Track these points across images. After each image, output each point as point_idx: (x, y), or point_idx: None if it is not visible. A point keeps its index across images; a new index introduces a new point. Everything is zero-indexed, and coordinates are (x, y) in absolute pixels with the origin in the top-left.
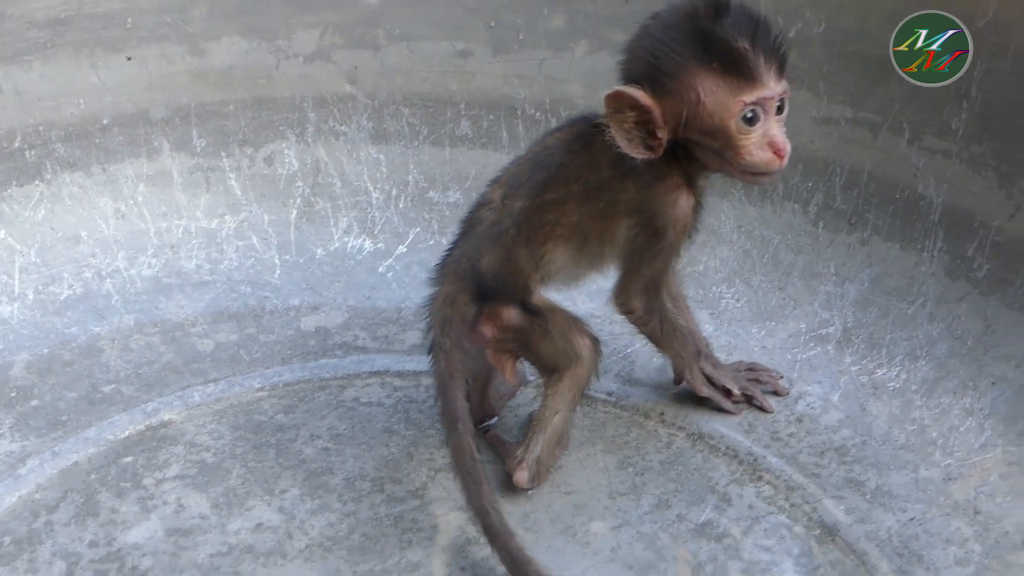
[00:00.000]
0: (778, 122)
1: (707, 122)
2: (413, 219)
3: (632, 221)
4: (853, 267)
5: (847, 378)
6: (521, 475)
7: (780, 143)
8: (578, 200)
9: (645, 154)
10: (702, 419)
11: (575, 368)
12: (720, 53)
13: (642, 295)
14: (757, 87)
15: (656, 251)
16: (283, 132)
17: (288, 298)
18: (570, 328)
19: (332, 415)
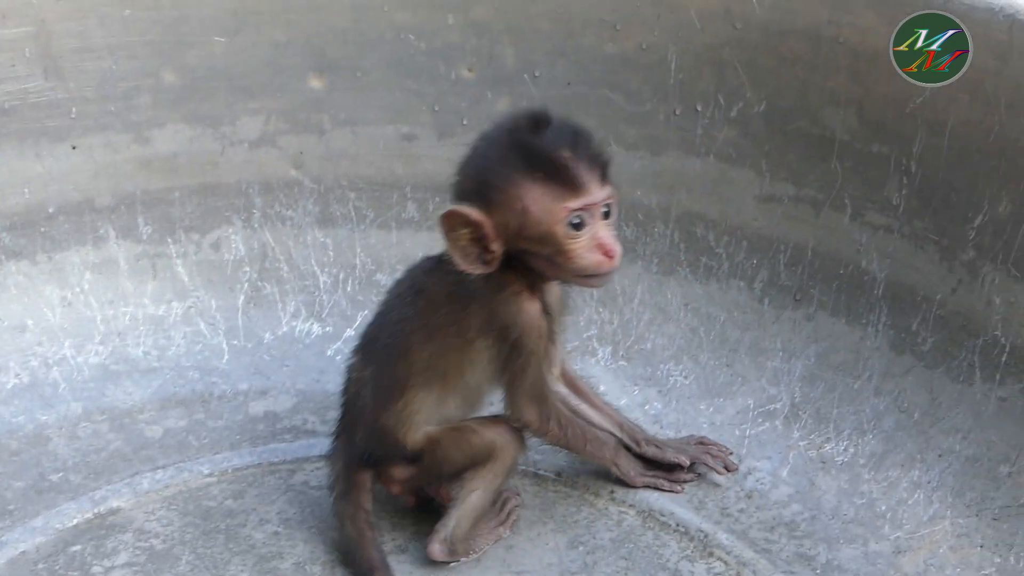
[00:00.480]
0: (606, 226)
1: (535, 230)
2: (361, 302)
3: (487, 340)
4: (799, 343)
5: (796, 453)
6: (433, 548)
7: (609, 244)
8: (423, 344)
9: (481, 268)
10: (652, 496)
11: (493, 461)
12: (542, 163)
13: (531, 406)
14: (580, 194)
15: (522, 362)
16: (229, 218)
17: (236, 383)
18: (473, 433)
19: (282, 499)
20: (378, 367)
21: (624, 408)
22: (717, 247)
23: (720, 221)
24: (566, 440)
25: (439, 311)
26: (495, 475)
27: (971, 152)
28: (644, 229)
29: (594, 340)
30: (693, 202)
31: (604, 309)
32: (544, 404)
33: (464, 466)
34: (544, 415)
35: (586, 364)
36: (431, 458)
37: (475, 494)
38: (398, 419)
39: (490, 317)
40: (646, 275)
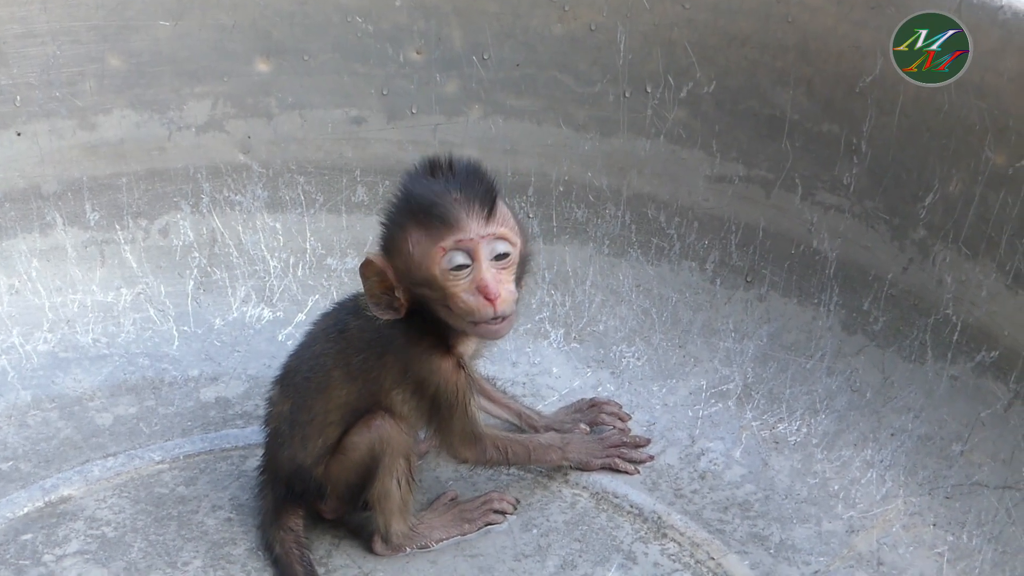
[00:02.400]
0: (496, 267)
1: (418, 273)
2: (312, 287)
3: (405, 393)
4: (751, 323)
5: (748, 433)
6: (375, 545)
7: (488, 287)
8: (342, 383)
9: (391, 314)
10: (605, 478)
11: (382, 457)
12: (422, 206)
13: (464, 447)
14: (454, 231)
15: (444, 413)
16: (177, 203)
17: (187, 369)
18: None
19: (234, 486)
20: (297, 401)
21: (577, 390)
22: (668, 228)
23: (671, 202)
24: (509, 462)
25: (358, 354)
26: (391, 467)
27: (921, 131)
28: (595, 210)
29: (546, 322)
30: (644, 183)
31: (556, 291)
32: (477, 441)
33: (363, 476)
34: (480, 450)
35: (538, 346)
36: (333, 485)
37: (382, 490)
38: (315, 458)
39: (404, 370)
40: (598, 256)
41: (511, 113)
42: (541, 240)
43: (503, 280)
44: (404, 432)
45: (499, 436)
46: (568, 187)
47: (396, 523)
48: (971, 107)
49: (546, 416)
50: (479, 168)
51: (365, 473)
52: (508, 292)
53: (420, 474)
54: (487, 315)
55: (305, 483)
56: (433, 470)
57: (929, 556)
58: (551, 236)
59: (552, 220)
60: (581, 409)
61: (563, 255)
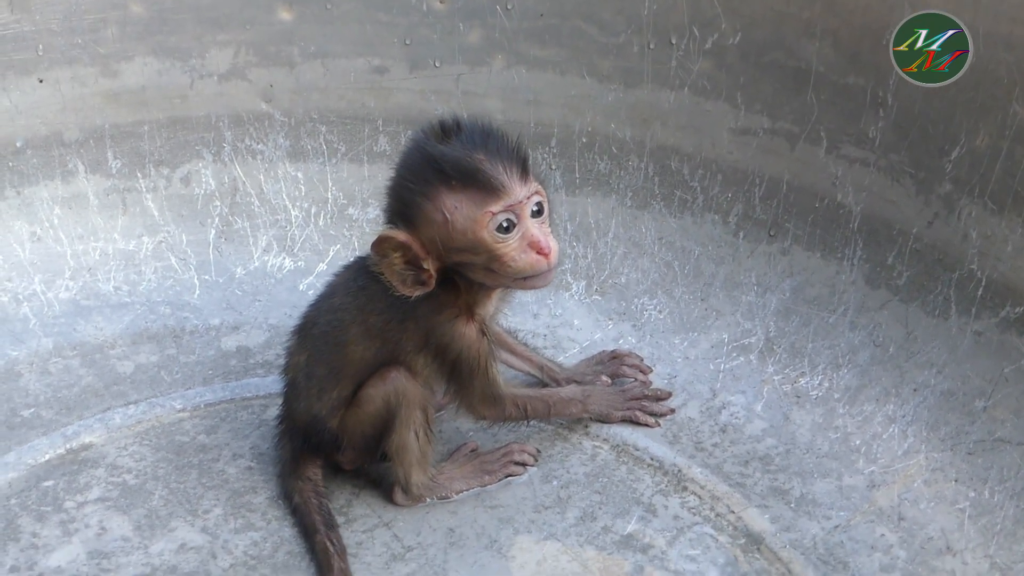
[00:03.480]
0: (538, 223)
1: (461, 240)
2: (333, 236)
3: (427, 358)
4: (774, 277)
5: (770, 387)
6: (395, 495)
7: (541, 242)
8: (360, 340)
9: (419, 290)
10: (626, 431)
11: (398, 409)
12: (455, 170)
13: (484, 407)
14: (500, 196)
15: (465, 376)
16: (199, 152)
17: (208, 318)
18: (367, 401)
19: (255, 435)
20: (313, 354)
21: (599, 342)
22: (692, 180)
23: (695, 154)
24: (528, 417)
25: (378, 315)
26: (408, 419)
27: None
28: (618, 162)
29: (568, 274)
30: (668, 135)
31: (578, 243)
32: (497, 401)
33: (379, 428)
34: (500, 409)
35: (560, 298)
36: (349, 437)
37: (400, 442)
38: (330, 409)
39: (426, 338)
40: (620, 209)
41: (534, 63)
42: (563, 192)
43: (548, 233)
44: (420, 384)
45: (519, 393)
46: (591, 138)
47: (416, 474)
48: (999, 60)
49: (567, 368)
50: (495, 127)
51: (381, 425)
52: (555, 243)
53: (439, 425)
54: (542, 269)
55: (321, 434)
56: (453, 420)
57: (951, 512)
58: (574, 187)
59: (575, 171)
60: (602, 361)
61: (585, 207)
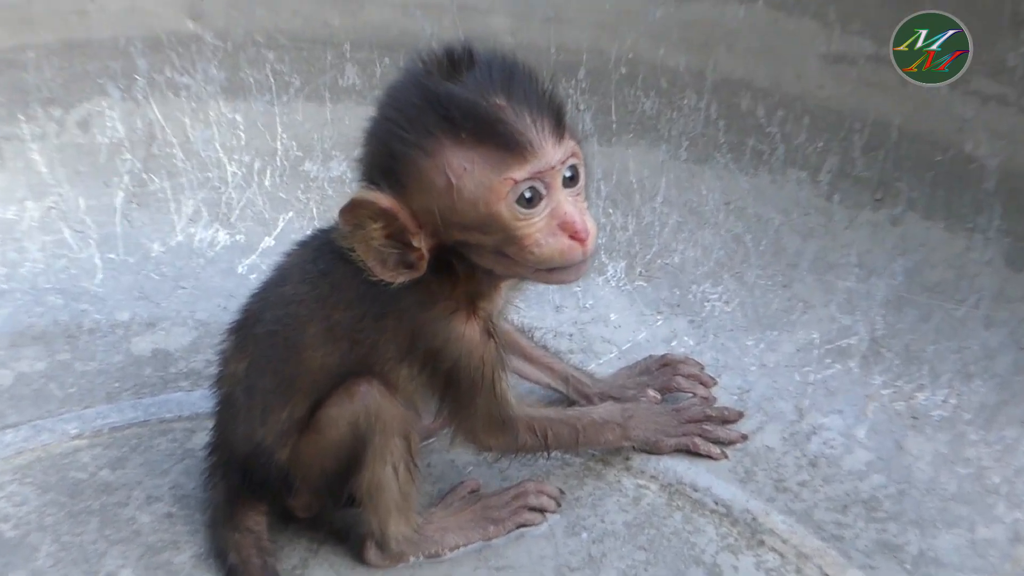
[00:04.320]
0: (572, 196)
1: (469, 214)
2: (284, 201)
3: (412, 367)
4: (882, 255)
5: (877, 405)
6: (368, 554)
7: (576, 222)
8: (322, 342)
9: (405, 275)
10: (681, 464)
11: (372, 436)
12: (468, 118)
13: (490, 435)
14: (528, 157)
15: (464, 392)
16: (103, 87)
17: (114, 311)
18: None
19: (177, 470)
20: (256, 361)
21: (644, 344)
22: (769, 125)
23: (773, 90)
24: (549, 447)
25: (346, 309)
26: (384, 449)
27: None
28: (669, 101)
29: (601, 252)
30: (736, 63)
31: (615, 210)
32: (508, 424)
33: (345, 461)
34: (510, 436)
35: (591, 285)
36: (305, 474)
37: (373, 481)
38: (279, 436)
39: (412, 340)
40: (672, 164)
41: None
42: (595, 140)
43: (584, 210)
44: (399, 403)
45: (535, 415)
46: (633, 69)
47: (395, 523)
48: None
49: (602, 380)
50: (521, 63)
51: (348, 458)
52: (593, 227)
53: (427, 458)
54: (575, 258)
55: (266, 470)
56: (446, 452)
57: None
58: (609, 135)
59: (611, 113)
60: (649, 371)
61: (625, 161)
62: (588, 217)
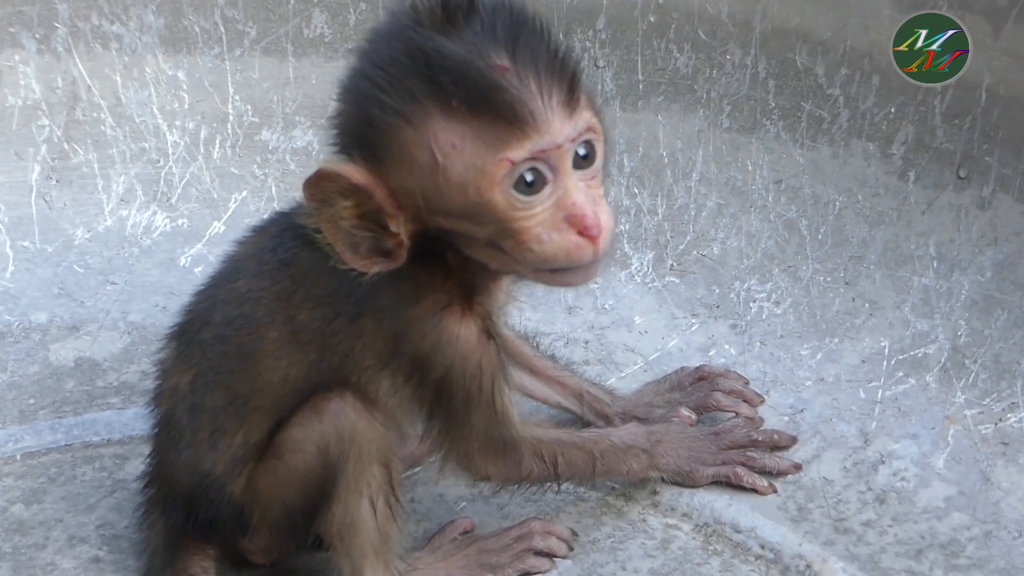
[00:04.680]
0: (585, 181)
1: (457, 199)
2: (236, 177)
3: (395, 378)
4: (967, 246)
5: (959, 429)
6: None
7: (587, 215)
8: (284, 349)
9: (380, 264)
10: (720, 500)
11: (348, 462)
12: (460, 82)
13: (488, 460)
14: (529, 132)
15: (458, 407)
16: (15, 36)
17: (28, 312)
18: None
19: (105, 505)
20: (203, 373)
21: (676, 353)
22: (830, 86)
23: (835, 43)
24: (559, 476)
25: (313, 308)
26: (359, 479)
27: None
28: (709, 57)
29: (624, 241)
30: (789, 10)
31: (642, 189)
32: (510, 446)
33: (311, 494)
34: (512, 461)
35: (611, 281)
36: (263, 510)
37: (345, 518)
38: (230, 464)
39: (394, 342)
40: (711, 133)
41: None
42: (617, 104)
43: (598, 199)
44: (378, 422)
45: (543, 437)
46: (663, 16)
47: (372, 570)
48: None
49: (624, 398)
50: (531, 14)
51: (315, 490)
52: (608, 221)
53: (409, 490)
54: (583, 258)
55: (215, 505)
56: (435, 485)
57: None
58: (635, 98)
59: (637, 71)
60: (682, 386)
61: (654, 130)
62: (603, 207)
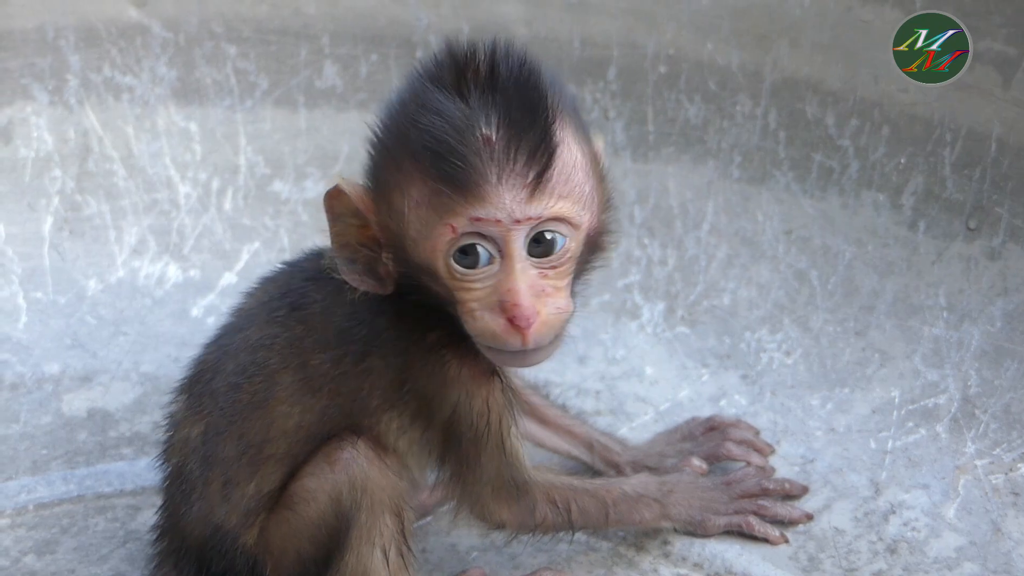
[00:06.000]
0: (542, 268)
1: (416, 252)
2: (248, 229)
3: (403, 418)
4: (977, 296)
5: (970, 479)
6: None
7: (517, 304)
8: (297, 395)
9: (371, 286)
10: (731, 549)
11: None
12: (424, 141)
13: (500, 505)
14: (473, 201)
15: (467, 451)
16: (27, 88)
17: (42, 363)
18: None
19: (117, 556)
20: (216, 423)
21: (687, 404)
22: (840, 137)
23: (845, 92)
24: (573, 525)
25: (323, 350)
26: (372, 529)
27: None
28: (719, 106)
29: (635, 291)
30: (800, 60)
31: (652, 239)
32: (522, 492)
33: (323, 544)
34: (525, 508)
35: (622, 331)
36: (277, 562)
37: (359, 568)
38: (244, 515)
39: (400, 381)
40: (722, 183)
41: None
42: (628, 155)
43: (548, 290)
44: (391, 471)
45: (556, 483)
46: (674, 67)
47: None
48: None
49: (635, 447)
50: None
51: (327, 540)
52: (553, 313)
53: (421, 540)
54: (511, 345)
55: (228, 558)
56: (446, 535)
57: None
58: (645, 149)
59: (647, 122)
60: (693, 436)
61: (664, 180)
62: (554, 300)
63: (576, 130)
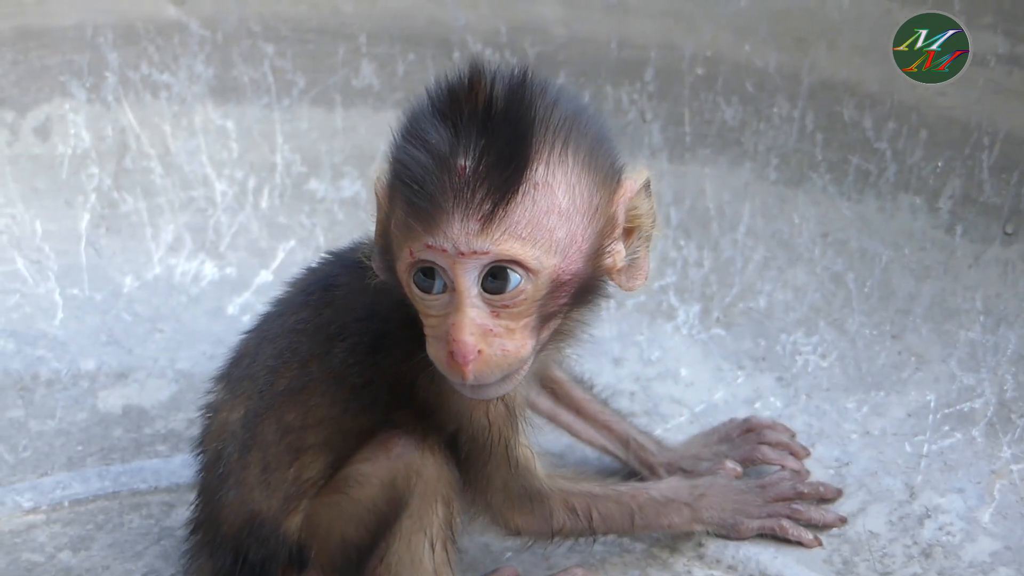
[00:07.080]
0: (495, 305)
1: (396, 264)
2: (284, 227)
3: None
4: (1014, 300)
5: (1006, 483)
6: None
7: (454, 341)
8: (324, 385)
9: (385, 273)
10: (765, 552)
11: (413, 498)
12: (414, 168)
13: (516, 512)
14: (428, 227)
15: (475, 459)
16: (65, 85)
17: (77, 359)
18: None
19: (152, 552)
20: (255, 407)
21: (722, 406)
22: (878, 140)
23: (882, 96)
24: (595, 531)
25: (344, 337)
26: (423, 517)
27: None
28: (756, 109)
29: (671, 292)
30: (838, 63)
31: (688, 241)
32: (535, 500)
33: (372, 531)
34: (540, 514)
35: (657, 333)
36: (321, 547)
37: (404, 557)
38: (285, 501)
39: (405, 381)
40: (758, 185)
41: None
42: (665, 157)
43: (496, 330)
44: (444, 464)
45: (573, 490)
46: (711, 69)
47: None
48: None
49: (670, 449)
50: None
51: (376, 525)
52: (498, 355)
53: (463, 536)
54: (454, 377)
55: (268, 545)
56: (480, 535)
57: None
58: (681, 150)
59: (684, 123)
60: (728, 438)
61: (701, 182)
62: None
63: (580, 174)
